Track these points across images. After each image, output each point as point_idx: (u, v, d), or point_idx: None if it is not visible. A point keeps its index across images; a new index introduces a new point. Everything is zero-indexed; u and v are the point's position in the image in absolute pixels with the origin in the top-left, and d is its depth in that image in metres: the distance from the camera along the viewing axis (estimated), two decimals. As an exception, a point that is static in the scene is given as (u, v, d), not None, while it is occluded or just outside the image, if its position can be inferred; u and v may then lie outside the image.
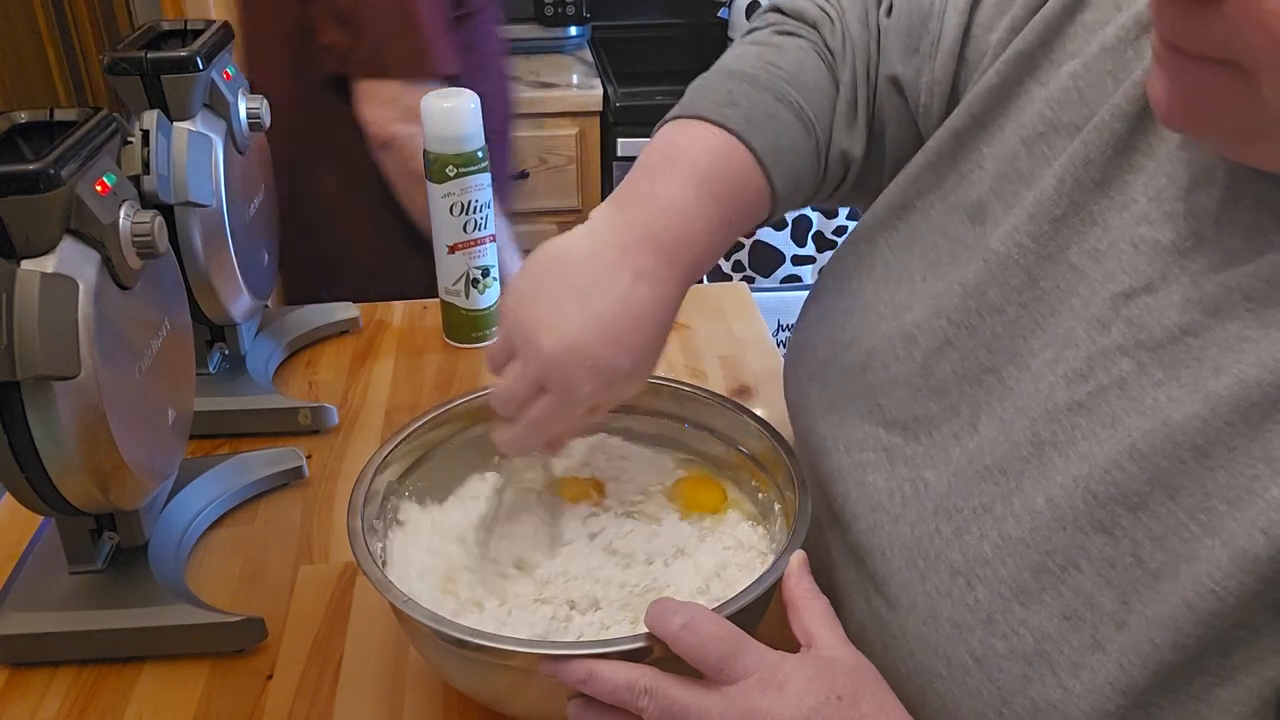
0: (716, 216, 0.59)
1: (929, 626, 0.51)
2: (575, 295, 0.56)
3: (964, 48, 0.61)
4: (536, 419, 0.58)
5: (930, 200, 0.60)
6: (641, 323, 0.56)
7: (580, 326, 0.55)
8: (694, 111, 0.62)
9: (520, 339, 0.57)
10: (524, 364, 0.57)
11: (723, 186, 0.59)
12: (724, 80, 0.63)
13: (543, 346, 0.55)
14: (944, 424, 0.55)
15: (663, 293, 0.57)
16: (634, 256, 0.56)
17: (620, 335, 0.55)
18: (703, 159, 0.60)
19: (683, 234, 0.58)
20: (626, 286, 0.56)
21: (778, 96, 0.63)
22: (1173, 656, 0.42)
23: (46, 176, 0.56)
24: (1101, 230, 0.51)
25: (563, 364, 0.55)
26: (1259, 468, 0.41)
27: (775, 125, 0.61)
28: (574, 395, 0.56)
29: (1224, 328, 0.45)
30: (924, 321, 0.57)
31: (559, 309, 0.56)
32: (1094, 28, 0.54)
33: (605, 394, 0.57)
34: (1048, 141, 0.54)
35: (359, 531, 0.61)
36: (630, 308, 0.56)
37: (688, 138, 0.61)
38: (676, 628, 0.51)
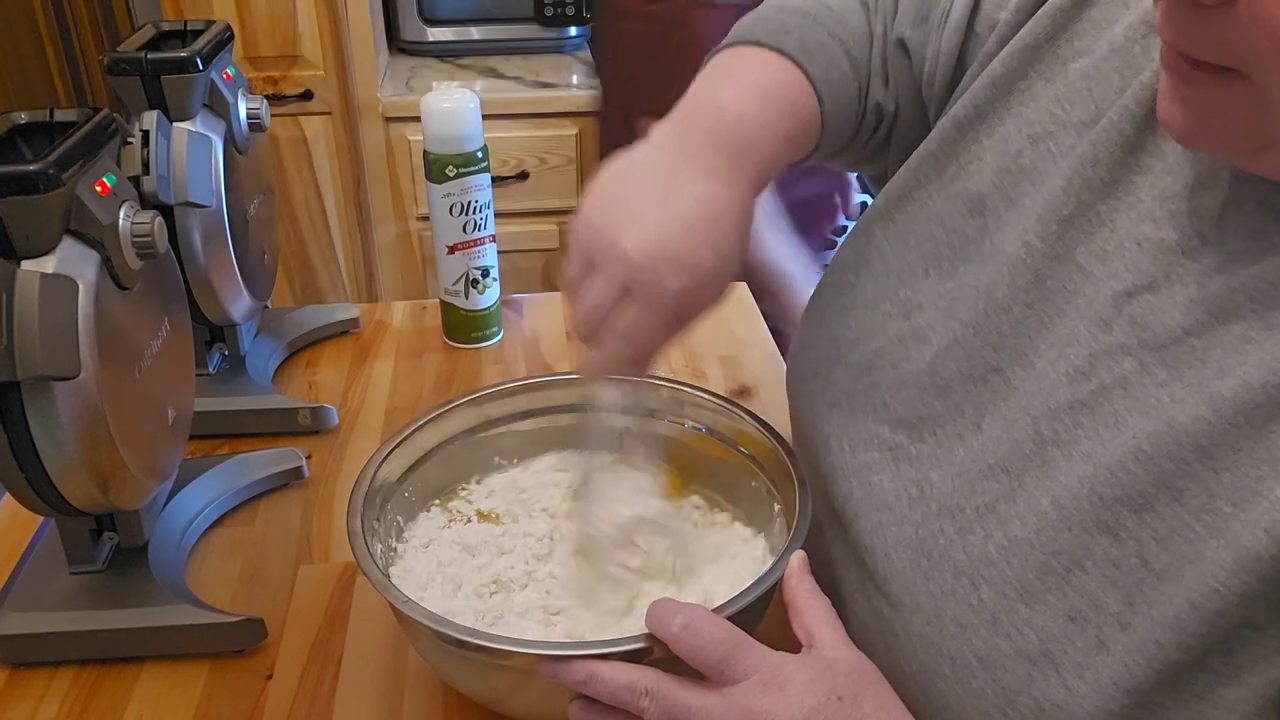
0: (780, 126, 0.58)
1: (933, 626, 0.51)
2: (651, 199, 0.55)
3: (973, 21, 0.61)
4: (624, 328, 0.55)
5: (928, 191, 0.60)
6: (720, 220, 0.55)
7: (660, 226, 0.54)
8: (749, 38, 0.62)
9: (600, 250, 0.55)
10: (607, 273, 0.55)
11: (783, 102, 0.59)
12: (776, 13, 0.64)
13: (627, 250, 0.54)
14: (948, 423, 0.55)
15: (736, 192, 0.56)
16: (703, 159, 0.56)
17: (701, 232, 0.54)
18: (762, 76, 0.60)
19: (749, 137, 0.57)
20: (701, 186, 0.55)
21: (828, 32, 0.63)
22: (1177, 656, 0.42)
23: (46, 177, 0.56)
24: (1109, 231, 0.51)
25: (650, 265, 0.54)
26: (1263, 469, 0.41)
27: (827, 55, 0.61)
28: (663, 295, 0.54)
29: (1227, 329, 0.45)
30: (938, 324, 0.57)
31: (636, 214, 0.55)
32: (1102, 25, 0.54)
33: (692, 297, 0.55)
34: (1054, 139, 0.54)
35: (359, 531, 0.61)
36: (706, 205, 0.55)
37: (744, 59, 0.61)
38: (677, 629, 0.51)
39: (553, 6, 2.05)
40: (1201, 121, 0.43)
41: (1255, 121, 0.40)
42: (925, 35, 0.63)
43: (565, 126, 1.92)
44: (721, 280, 0.57)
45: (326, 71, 1.88)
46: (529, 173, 1.94)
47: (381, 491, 0.67)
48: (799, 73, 0.60)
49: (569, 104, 1.91)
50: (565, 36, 2.10)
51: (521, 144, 1.92)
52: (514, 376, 0.82)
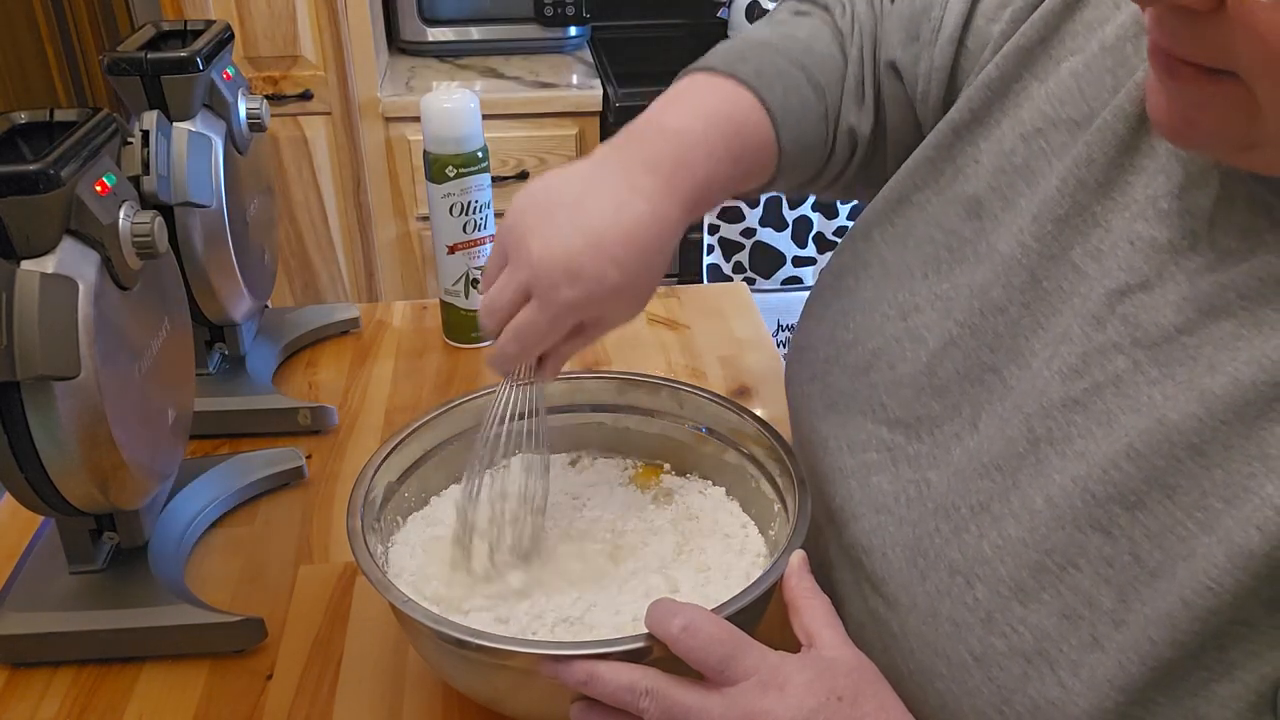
0: (721, 148, 0.58)
1: (928, 625, 0.51)
2: (568, 207, 0.56)
3: (965, 35, 0.61)
4: (520, 326, 0.57)
5: (926, 195, 0.60)
6: (634, 237, 0.55)
7: (569, 234, 0.55)
8: (705, 65, 0.62)
9: (511, 247, 0.57)
10: (512, 271, 0.57)
11: (730, 124, 0.59)
12: (737, 44, 0.64)
13: (532, 252, 0.55)
14: (945, 423, 0.56)
15: (660, 210, 0.56)
16: (631, 175, 0.57)
17: (609, 246, 0.55)
18: (711, 99, 0.60)
19: (684, 157, 0.57)
20: (621, 201, 0.56)
21: (791, 60, 0.63)
22: (1171, 653, 0.43)
23: (46, 177, 0.56)
24: (1104, 231, 0.51)
25: (547, 269, 0.55)
26: (1255, 465, 0.41)
27: (785, 83, 0.62)
28: (556, 302, 0.55)
29: (1219, 326, 0.45)
30: (934, 323, 0.57)
31: (551, 219, 0.56)
32: (1094, 25, 0.54)
33: (588, 308, 0.56)
34: (1045, 137, 0.55)
35: (359, 531, 0.61)
36: (622, 221, 0.55)
37: (697, 85, 0.62)
38: (677, 630, 0.51)
39: (553, 6, 2.05)
40: (1189, 119, 0.43)
41: (1242, 120, 0.41)
42: (916, 53, 0.63)
43: (565, 126, 1.93)
44: (626, 296, 0.57)
45: (326, 71, 1.88)
46: (529, 173, 1.94)
47: (381, 491, 0.67)
48: (752, 97, 0.60)
49: (569, 104, 1.92)
50: (565, 36, 2.11)
51: (521, 144, 1.92)
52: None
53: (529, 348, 0.58)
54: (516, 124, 1.91)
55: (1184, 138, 0.45)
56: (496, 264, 0.59)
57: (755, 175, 0.62)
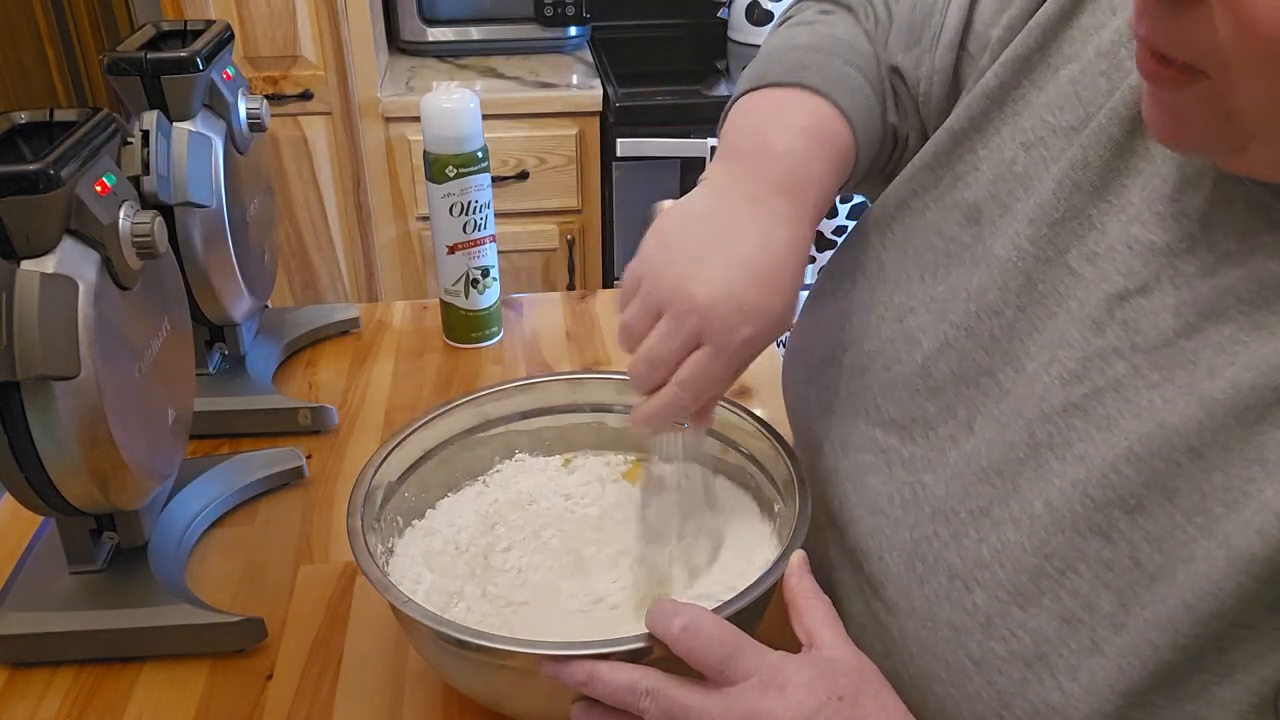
0: (828, 161, 0.59)
1: (928, 630, 0.51)
2: (717, 245, 0.55)
3: (965, 38, 0.61)
4: (690, 376, 0.55)
5: (926, 201, 0.60)
6: (786, 263, 0.55)
7: (730, 273, 0.54)
8: (768, 80, 0.62)
9: (669, 297, 0.55)
10: (676, 320, 0.54)
11: (823, 135, 0.59)
12: (788, 53, 0.63)
13: (698, 297, 0.54)
14: (940, 425, 0.56)
15: (798, 232, 0.56)
16: (764, 201, 0.56)
17: (770, 277, 0.55)
18: (797, 113, 0.60)
19: (804, 175, 0.57)
20: (765, 230, 0.55)
21: (845, 61, 0.63)
22: (1171, 657, 0.43)
23: (46, 177, 0.56)
24: (1099, 234, 0.51)
25: (721, 312, 0.54)
26: (1254, 469, 0.41)
27: (849, 84, 0.62)
28: (733, 342, 0.54)
29: (1217, 330, 0.45)
30: (929, 325, 0.57)
31: (705, 261, 0.54)
32: (1090, 31, 0.55)
33: (760, 341, 0.55)
34: (1046, 144, 0.55)
35: (359, 531, 0.61)
36: (773, 250, 0.55)
37: (771, 101, 0.61)
38: (677, 630, 0.51)
39: (553, 6, 2.05)
40: (1178, 123, 0.43)
41: (1222, 121, 0.41)
42: (918, 57, 0.64)
43: (565, 126, 1.93)
44: (786, 321, 0.56)
45: (326, 71, 1.88)
46: (529, 173, 1.94)
47: (381, 491, 0.67)
48: (829, 105, 0.60)
49: (569, 104, 1.92)
50: (565, 36, 2.11)
51: (521, 144, 1.92)
52: (514, 376, 0.82)
53: (703, 394, 0.56)
54: (516, 124, 1.91)
55: (1176, 141, 0.45)
56: (645, 319, 0.56)
57: (845, 179, 0.62)
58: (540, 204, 1.98)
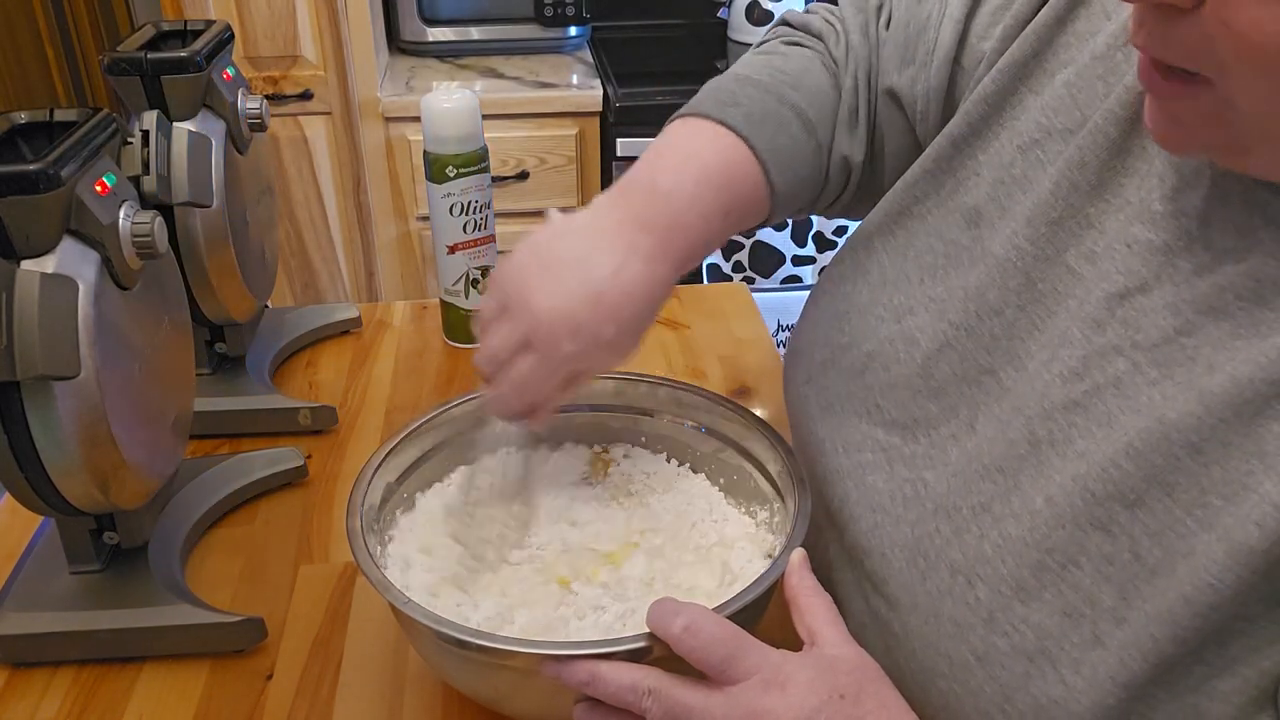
0: (714, 205, 0.60)
1: (930, 626, 0.51)
2: (572, 264, 0.57)
3: (959, 54, 0.62)
4: (518, 377, 0.59)
5: (927, 206, 0.61)
6: (631, 296, 0.57)
7: (571, 291, 0.57)
8: (697, 110, 0.64)
9: (514, 300, 0.58)
10: (513, 323, 0.58)
11: (721, 178, 0.61)
12: (729, 83, 0.66)
13: (535, 307, 0.57)
14: (942, 424, 0.56)
15: (655, 271, 0.58)
16: (630, 234, 0.58)
17: (608, 305, 0.57)
18: (702, 152, 0.61)
19: (678, 219, 0.59)
20: (621, 260, 0.57)
21: (780, 99, 0.64)
22: (1172, 650, 0.43)
23: (46, 176, 0.56)
24: (1098, 233, 0.51)
25: (550, 324, 0.57)
26: (1253, 463, 0.42)
27: (775, 124, 0.63)
28: (556, 355, 0.57)
29: (1216, 326, 0.45)
30: (928, 325, 0.57)
31: (554, 275, 0.57)
32: (1085, 36, 0.55)
33: (585, 360, 0.58)
34: (1042, 147, 0.55)
35: (358, 532, 0.61)
36: (622, 280, 0.57)
37: (689, 132, 0.63)
38: (678, 630, 0.51)
39: (553, 6, 2.05)
40: (1182, 129, 0.44)
41: (1227, 126, 0.41)
42: (913, 76, 0.64)
43: (565, 126, 1.93)
44: (618, 350, 0.59)
45: (326, 71, 1.88)
46: (529, 173, 1.94)
47: (381, 492, 0.67)
48: (742, 144, 0.62)
49: (569, 104, 1.92)
50: (565, 36, 2.11)
51: (521, 144, 1.92)
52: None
53: (525, 395, 0.60)
54: (516, 124, 1.91)
55: (1180, 146, 0.46)
56: (493, 310, 0.60)
57: (748, 219, 0.64)
58: (540, 204, 1.97)
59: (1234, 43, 0.38)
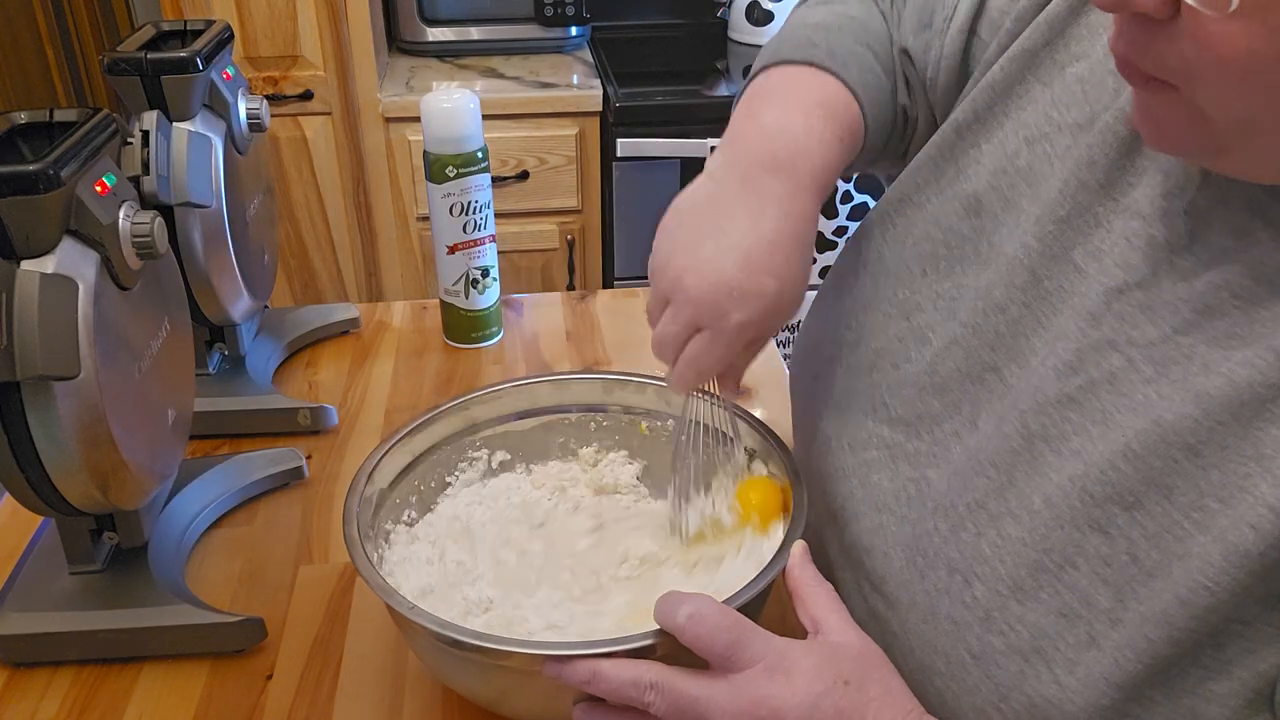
0: (828, 131, 0.59)
1: (927, 624, 0.51)
2: (709, 234, 0.57)
3: (976, 24, 0.61)
4: (691, 357, 0.58)
5: (927, 194, 0.60)
6: (778, 244, 0.56)
7: (719, 262, 0.56)
8: (777, 58, 0.63)
9: (669, 289, 0.57)
10: (675, 310, 0.57)
11: (824, 108, 0.60)
12: (800, 30, 0.64)
13: (690, 289, 0.56)
14: (945, 421, 0.56)
15: (792, 208, 0.57)
16: (754, 183, 0.57)
17: (760, 261, 0.56)
18: (799, 88, 0.61)
19: (797, 147, 0.58)
20: (755, 213, 0.56)
21: (855, 39, 0.63)
22: (1168, 651, 0.43)
23: (46, 177, 0.56)
24: (1105, 231, 0.51)
25: (711, 300, 0.56)
26: (1250, 465, 0.42)
27: (859, 61, 0.62)
28: (727, 328, 0.56)
29: (1213, 326, 0.45)
30: (938, 325, 0.57)
31: (698, 252, 0.56)
32: (1098, 29, 0.55)
33: (758, 322, 0.57)
34: (1050, 141, 0.55)
35: (356, 539, 0.60)
36: (763, 232, 0.56)
37: (777, 80, 0.62)
38: (682, 619, 0.51)
39: (553, 6, 2.05)
40: (1159, 128, 0.44)
41: (1197, 126, 0.42)
42: (928, 41, 0.64)
43: (565, 126, 1.92)
44: (786, 302, 0.57)
45: (326, 72, 1.88)
46: (529, 173, 1.94)
47: (376, 496, 0.67)
48: (835, 80, 0.61)
49: (569, 104, 1.91)
50: (565, 36, 2.10)
51: (521, 144, 1.92)
52: (514, 376, 0.82)
53: (706, 373, 0.59)
54: (516, 124, 1.91)
55: (1159, 145, 0.46)
56: (658, 304, 0.59)
57: (854, 152, 0.63)
58: (540, 204, 1.97)
59: (1206, 55, 0.39)
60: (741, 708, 0.50)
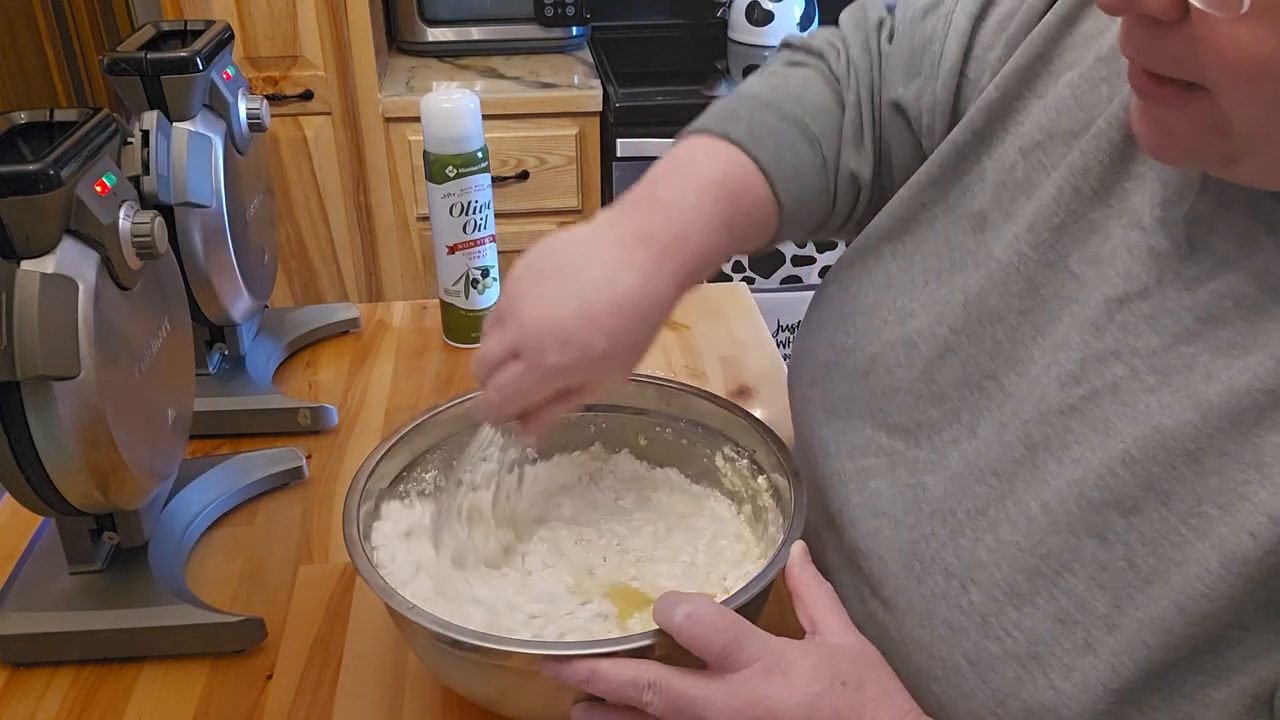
0: (716, 219, 0.59)
1: (924, 629, 0.51)
2: (563, 274, 0.57)
3: (965, 66, 0.61)
4: (503, 383, 0.58)
5: (934, 213, 0.60)
6: (623, 308, 0.56)
7: (560, 301, 0.56)
8: (699, 128, 0.63)
9: (506, 309, 0.58)
10: (504, 330, 0.58)
11: (722, 190, 0.60)
12: (731, 102, 0.65)
13: (523, 315, 0.56)
14: (944, 429, 0.56)
15: (652, 285, 0.57)
16: (627, 247, 0.57)
17: (598, 316, 0.55)
18: (705, 167, 0.60)
19: (679, 231, 0.58)
20: (614, 272, 0.56)
21: (782, 115, 0.63)
22: (1165, 657, 0.43)
23: (46, 177, 0.56)
24: (1102, 238, 0.51)
25: (536, 333, 0.56)
26: (1249, 473, 0.42)
27: (779, 139, 0.62)
28: (541, 364, 0.56)
29: (1216, 334, 0.45)
30: (926, 329, 0.57)
31: (546, 285, 0.57)
32: (1090, 38, 0.55)
33: (574, 373, 0.57)
34: (1044, 150, 0.55)
35: (356, 539, 0.61)
36: (614, 292, 0.56)
37: (691, 149, 0.62)
38: (680, 618, 0.51)
39: (553, 6, 2.05)
40: (1169, 136, 0.44)
41: (1217, 136, 0.41)
42: (919, 89, 0.64)
43: (565, 126, 1.93)
44: (612, 364, 0.57)
45: (326, 72, 1.88)
46: (529, 173, 1.94)
47: (375, 497, 0.67)
48: (745, 158, 0.61)
49: (569, 104, 1.91)
50: (565, 36, 2.10)
51: (521, 144, 1.92)
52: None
53: (510, 402, 0.59)
54: (516, 124, 1.91)
55: (1166, 153, 0.46)
56: (493, 317, 0.60)
57: (755, 236, 0.63)
58: (540, 204, 1.97)
59: (1215, 57, 0.38)
60: (738, 707, 0.50)
